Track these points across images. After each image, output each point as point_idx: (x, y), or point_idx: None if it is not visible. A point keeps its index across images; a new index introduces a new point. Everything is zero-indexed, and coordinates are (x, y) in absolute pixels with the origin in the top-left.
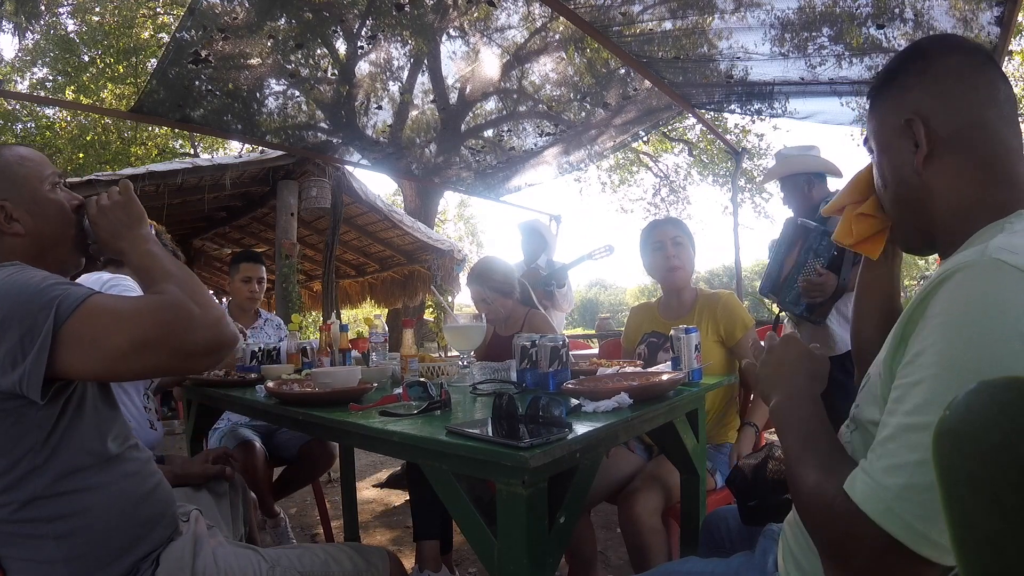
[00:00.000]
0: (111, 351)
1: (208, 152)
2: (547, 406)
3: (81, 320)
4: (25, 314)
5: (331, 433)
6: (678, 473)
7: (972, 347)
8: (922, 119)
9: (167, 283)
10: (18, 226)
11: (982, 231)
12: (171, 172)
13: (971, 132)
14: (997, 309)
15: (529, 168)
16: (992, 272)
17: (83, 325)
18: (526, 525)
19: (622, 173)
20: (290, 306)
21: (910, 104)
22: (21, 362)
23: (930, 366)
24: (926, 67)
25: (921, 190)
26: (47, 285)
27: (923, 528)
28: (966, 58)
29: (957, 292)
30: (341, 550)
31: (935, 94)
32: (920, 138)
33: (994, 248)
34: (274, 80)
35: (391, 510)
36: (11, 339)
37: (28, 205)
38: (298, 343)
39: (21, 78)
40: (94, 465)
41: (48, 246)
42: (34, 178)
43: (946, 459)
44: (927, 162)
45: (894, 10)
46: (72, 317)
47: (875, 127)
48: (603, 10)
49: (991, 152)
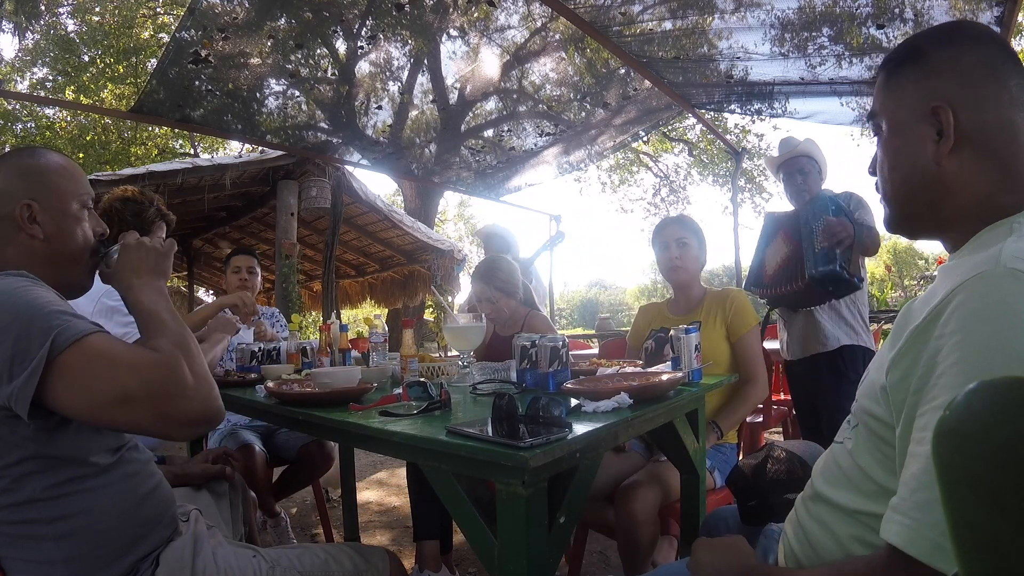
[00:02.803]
0: (96, 397)
1: (208, 152)
2: (547, 406)
3: (75, 356)
4: (22, 333)
5: (331, 433)
6: (677, 472)
7: (993, 361)
8: (952, 109)
9: (166, 341)
10: (38, 229)
11: (990, 229)
12: (171, 172)
13: (995, 131)
14: (1017, 322)
15: (529, 168)
16: (1009, 283)
17: (76, 362)
18: (526, 525)
19: (622, 173)
20: (290, 306)
21: (940, 91)
22: (8, 382)
23: (953, 388)
24: (959, 55)
25: (935, 181)
26: (51, 311)
27: None
28: (1000, 54)
29: (973, 304)
30: (341, 550)
31: (966, 85)
32: (948, 129)
33: (1008, 257)
34: (274, 80)
35: (391, 510)
36: (3, 353)
37: (54, 214)
38: (298, 343)
39: (21, 78)
40: (93, 468)
41: (61, 262)
42: (68, 193)
43: (946, 459)
44: (948, 154)
45: (894, 10)
46: (67, 351)
47: (892, 106)
48: (603, 10)
49: (1011, 154)
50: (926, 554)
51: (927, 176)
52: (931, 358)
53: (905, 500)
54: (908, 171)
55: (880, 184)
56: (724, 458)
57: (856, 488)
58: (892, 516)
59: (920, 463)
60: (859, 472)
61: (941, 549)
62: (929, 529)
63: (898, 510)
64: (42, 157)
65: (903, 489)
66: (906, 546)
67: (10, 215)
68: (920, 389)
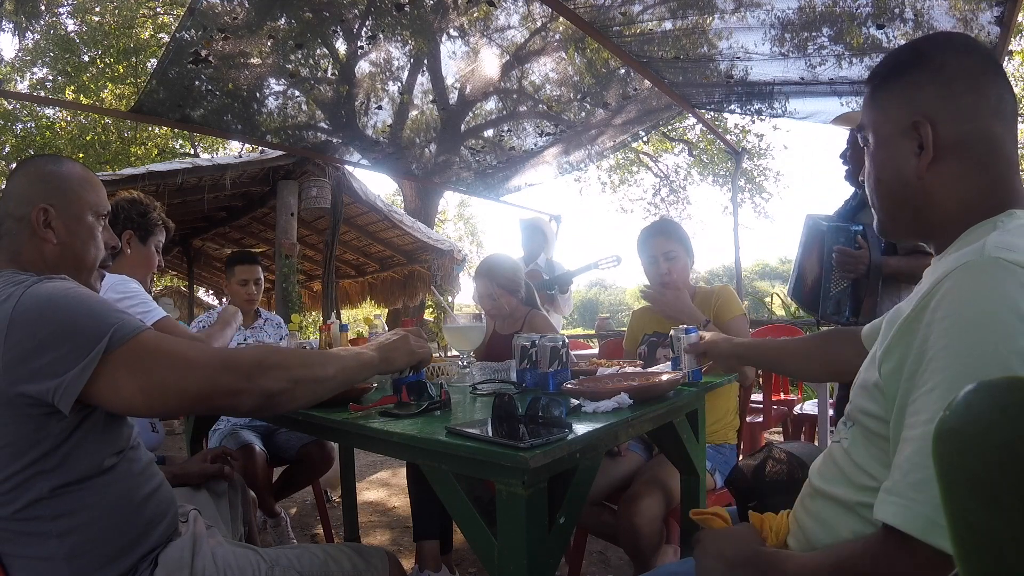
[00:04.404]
0: (155, 387)
1: (208, 152)
2: (547, 406)
3: (130, 351)
4: (79, 331)
5: (331, 433)
6: (678, 475)
7: (981, 347)
8: (931, 122)
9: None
10: (51, 234)
11: (973, 228)
12: (171, 172)
13: (976, 141)
14: (1003, 307)
15: (529, 168)
16: (993, 270)
17: (131, 357)
18: (526, 526)
19: (622, 173)
20: (290, 306)
21: (920, 104)
22: (61, 374)
23: (943, 370)
24: (940, 67)
25: (919, 192)
26: (108, 310)
27: None
28: (980, 64)
29: (959, 293)
30: (340, 550)
31: (946, 97)
32: (927, 143)
33: (992, 247)
34: (274, 80)
35: (391, 510)
36: (58, 351)
37: (68, 222)
38: (298, 343)
39: (21, 78)
40: (98, 468)
41: (69, 269)
42: (85, 203)
43: (946, 459)
44: (929, 166)
45: (894, 10)
46: (124, 346)
47: (876, 120)
48: (603, 10)
49: (992, 163)
50: (921, 531)
51: (911, 188)
52: (921, 345)
53: (898, 482)
54: (893, 183)
55: (869, 193)
56: (724, 458)
57: (853, 483)
58: (886, 498)
59: (912, 446)
60: (856, 468)
61: (936, 526)
62: (923, 506)
63: (892, 491)
64: (64, 166)
65: (896, 472)
66: (902, 524)
67: (26, 217)
68: (912, 376)
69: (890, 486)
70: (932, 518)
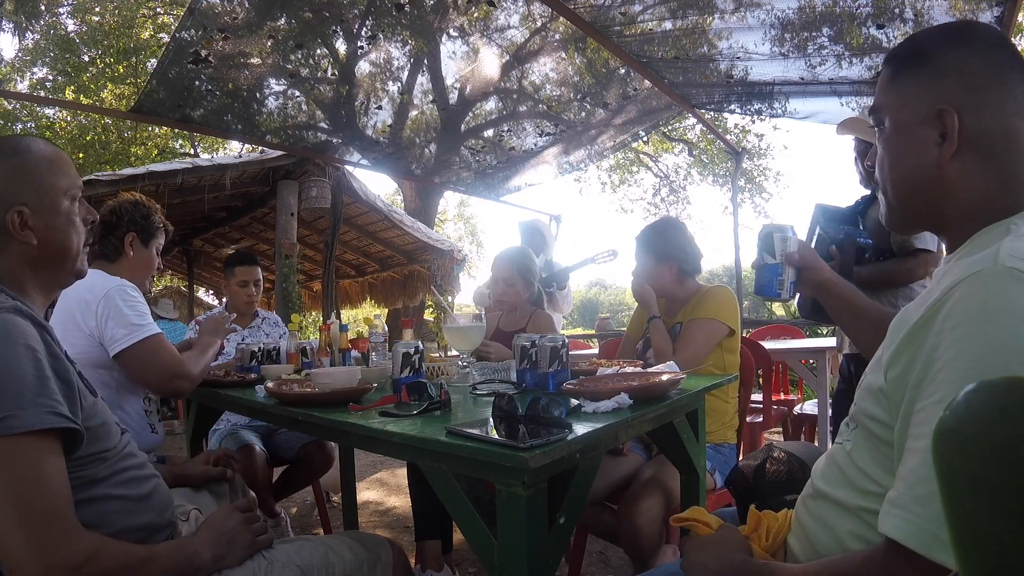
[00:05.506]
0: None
1: (208, 152)
2: (547, 406)
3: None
4: None
5: (331, 433)
6: (678, 475)
7: (992, 359)
8: (957, 112)
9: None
10: (31, 235)
11: (988, 229)
12: (171, 172)
13: (998, 137)
14: (1015, 319)
15: (529, 168)
16: (1007, 280)
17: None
18: (526, 526)
19: (622, 173)
20: (290, 306)
21: (945, 92)
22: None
23: (951, 381)
24: (968, 57)
25: (937, 183)
26: (22, 389)
27: None
28: (1009, 60)
29: (971, 303)
30: (340, 540)
31: (972, 88)
32: (952, 133)
33: (1006, 256)
34: (274, 80)
35: (391, 510)
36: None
37: (45, 216)
38: (298, 343)
39: (21, 78)
40: (90, 480)
41: (55, 262)
42: (58, 190)
43: (946, 460)
44: (950, 158)
45: (894, 10)
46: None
47: (895, 104)
48: (603, 10)
49: (1011, 161)
50: (924, 547)
51: (928, 177)
52: (929, 354)
53: (903, 494)
54: (908, 170)
55: (879, 179)
56: (724, 458)
57: (855, 487)
58: (890, 510)
59: (918, 457)
60: (858, 472)
61: (940, 541)
62: (927, 522)
63: (896, 504)
64: (28, 154)
65: (900, 483)
66: (905, 539)
67: (2, 225)
68: (918, 384)
69: (895, 497)
70: (936, 533)
